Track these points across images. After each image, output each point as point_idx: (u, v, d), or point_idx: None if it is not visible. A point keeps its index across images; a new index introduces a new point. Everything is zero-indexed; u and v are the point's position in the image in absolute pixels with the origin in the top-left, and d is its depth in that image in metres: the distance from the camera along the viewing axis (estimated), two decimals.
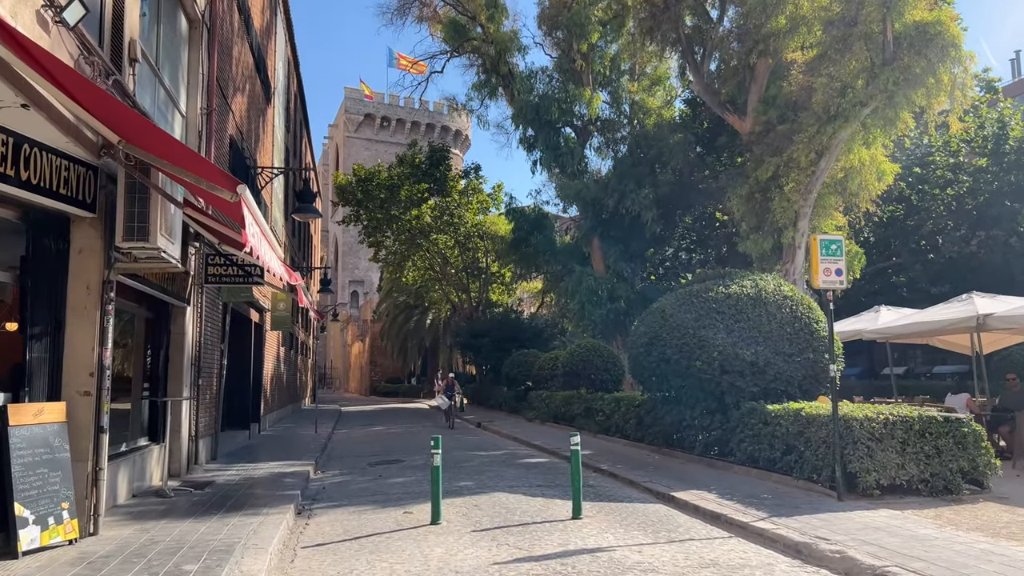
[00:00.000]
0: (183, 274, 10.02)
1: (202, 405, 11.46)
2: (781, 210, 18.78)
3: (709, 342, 11.14)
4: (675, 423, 12.62)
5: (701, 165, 26.33)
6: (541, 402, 21.75)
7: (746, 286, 11.57)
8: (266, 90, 18.35)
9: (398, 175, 33.31)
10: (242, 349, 16.89)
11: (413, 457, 13.80)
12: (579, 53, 28.24)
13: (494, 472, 11.64)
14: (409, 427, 22.28)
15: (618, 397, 15.99)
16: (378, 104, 79.56)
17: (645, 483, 9.97)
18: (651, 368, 12.54)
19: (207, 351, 11.71)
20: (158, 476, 9.74)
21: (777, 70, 20.30)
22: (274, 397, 21.81)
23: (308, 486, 10.40)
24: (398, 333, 45.62)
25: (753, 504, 8.15)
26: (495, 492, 9.61)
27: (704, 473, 10.69)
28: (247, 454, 13.70)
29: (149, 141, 5.34)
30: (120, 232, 6.60)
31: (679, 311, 11.96)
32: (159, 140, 5.29)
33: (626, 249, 27.09)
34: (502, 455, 14.08)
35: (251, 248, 4.96)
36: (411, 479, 10.98)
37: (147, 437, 9.76)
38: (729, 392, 11.04)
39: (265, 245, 5.63)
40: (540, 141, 27.97)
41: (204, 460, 11.74)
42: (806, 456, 9.01)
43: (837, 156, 18.63)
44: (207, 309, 11.61)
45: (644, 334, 12.69)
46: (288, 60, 24.09)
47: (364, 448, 15.88)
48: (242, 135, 14.55)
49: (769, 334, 10.90)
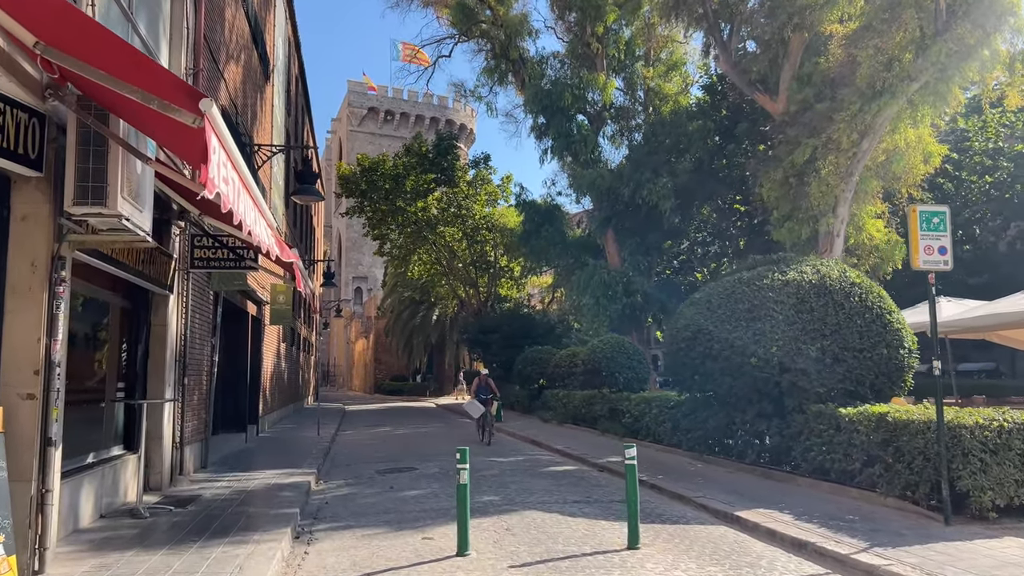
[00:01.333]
0: (164, 257, 8.67)
1: (189, 407, 10.11)
2: (819, 195, 17.40)
3: (766, 336, 9.75)
4: (720, 427, 11.25)
5: (721, 153, 24.97)
6: (558, 402, 20.38)
7: (806, 272, 10.18)
8: (264, 66, 16.99)
9: (404, 165, 31.98)
10: (238, 345, 15.55)
11: (426, 464, 12.44)
12: (594, 36, 26.84)
13: (519, 483, 10.27)
14: (418, 428, 20.92)
15: (648, 397, 14.61)
16: (382, 98, 78.28)
17: (698, 498, 8.60)
18: (693, 366, 11.17)
19: (195, 346, 10.36)
20: (134, 491, 8.39)
21: (812, 46, 18.91)
22: (274, 396, 20.47)
23: (309, 500, 9.05)
24: (403, 329, 44.23)
25: (842, 528, 6.77)
26: (527, 510, 8.24)
27: (762, 486, 9.32)
28: (242, 461, 12.35)
29: (73, 38, 3.93)
30: (70, 193, 5.24)
31: (728, 301, 10.58)
32: (89, 36, 3.87)
33: (642, 241, 25.74)
34: (523, 462, 12.71)
35: (220, 197, 3.59)
36: (427, 491, 9.62)
37: (122, 445, 8.40)
38: (790, 393, 9.67)
39: (247, 200, 4.28)
40: (552, 129, 26.66)
41: (192, 469, 10.39)
42: (896, 469, 7.62)
43: (881, 136, 17.27)
44: (194, 298, 10.25)
45: (686, 327, 11.30)
46: (288, 40, 22.72)
47: (371, 452, 14.53)
48: (236, 109, 13.19)
49: (836, 327, 9.51)
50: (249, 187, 4.39)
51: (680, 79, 28.24)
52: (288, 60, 22.38)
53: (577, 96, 26.18)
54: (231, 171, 3.80)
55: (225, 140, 3.64)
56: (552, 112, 26.00)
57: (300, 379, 30.30)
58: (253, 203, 4.60)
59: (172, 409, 9.34)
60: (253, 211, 4.62)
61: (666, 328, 12.52)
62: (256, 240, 4.70)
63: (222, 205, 3.65)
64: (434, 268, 37.25)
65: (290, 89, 22.74)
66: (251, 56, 15.04)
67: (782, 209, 18.55)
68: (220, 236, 9.56)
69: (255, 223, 4.55)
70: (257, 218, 4.70)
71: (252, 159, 13.70)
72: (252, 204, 4.57)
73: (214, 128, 3.38)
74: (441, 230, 33.83)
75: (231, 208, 3.77)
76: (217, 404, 14.84)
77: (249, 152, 13.70)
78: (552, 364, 22.27)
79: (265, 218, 5.15)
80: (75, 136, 5.27)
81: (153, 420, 8.86)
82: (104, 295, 7.97)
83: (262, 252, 4.79)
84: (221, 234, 9.60)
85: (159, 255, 8.46)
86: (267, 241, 5.00)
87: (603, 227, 25.87)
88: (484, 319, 32.48)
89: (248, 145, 13.74)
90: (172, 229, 9.08)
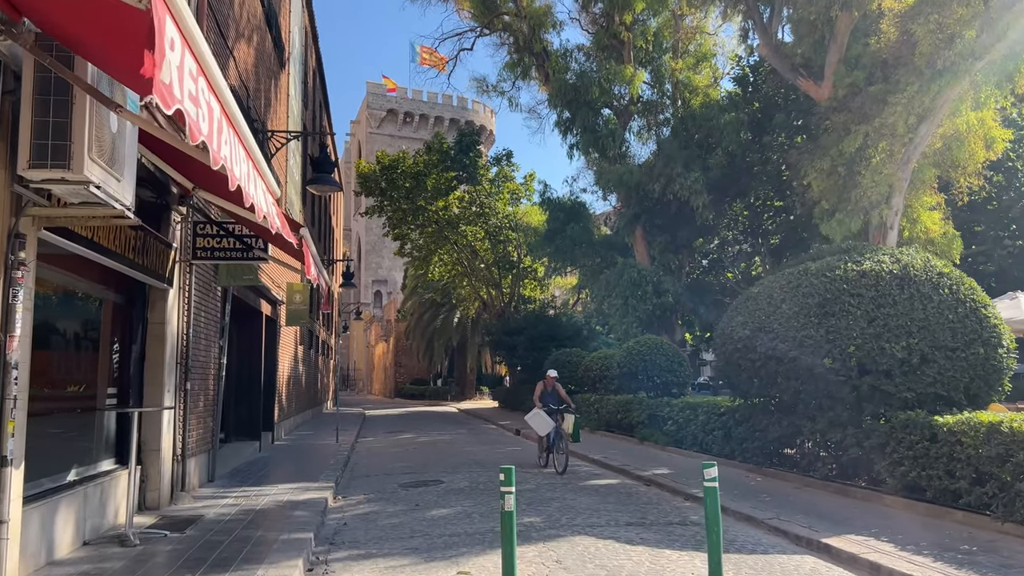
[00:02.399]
0: (162, 245, 7.67)
1: (193, 414, 9.11)
2: (872, 184, 16.15)
3: (841, 334, 8.57)
4: (783, 437, 10.05)
5: (755, 146, 23.74)
6: (590, 407, 19.22)
7: (884, 261, 8.98)
8: (279, 52, 16.05)
9: (424, 163, 31.05)
10: (251, 347, 14.60)
11: (454, 476, 11.35)
12: (622, 25, 25.74)
13: (560, 500, 9.14)
14: (441, 435, 19.86)
15: (693, 403, 13.42)
16: (401, 99, 77.67)
17: (770, 520, 7.44)
18: (750, 368, 9.99)
19: (199, 347, 9.36)
20: (131, 509, 7.39)
21: (858, 27, 17.67)
22: (290, 402, 19.51)
23: (325, 521, 7.99)
24: (424, 332, 43.26)
25: (964, 563, 5.59)
26: (575, 535, 7.11)
27: (841, 506, 8.12)
28: (254, 473, 11.34)
29: None
30: (25, 154, 4.23)
31: (794, 295, 9.40)
32: None
33: (672, 239, 24.58)
34: (559, 474, 11.56)
35: (186, 122, 2.53)
36: (457, 510, 8.53)
37: (113, 459, 7.40)
38: (870, 398, 8.46)
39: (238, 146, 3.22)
40: (578, 123, 25.62)
41: (196, 484, 9.39)
42: (1018, 490, 6.41)
43: (940, 121, 16.02)
44: (199, 294, 9.26)
45: (743, 326, 10.13)
46: (305, 29, 21.83)
47: (393, 462, 13.48)
48: (248, 92, 12.23)
49: (924, 323, 8.30)
50: (236, 124, 3.34)
51: (710, 71, 27.15)
52: (305, 50, 21.49)
53: (604, 89, 25.17)
54: (205, 92, 2.75)
55: (193, 40, 2.59)
56: (578, 106, 25.01)
57: (318, 383, 29.38)
58: (246, 153, 3.56)
59: (173, 417, 8.34)
60: (246, 163, 3.57)
61: (718, 328, 11.35)
62: (248, 200, 3.64)
63: (188, 131, 2.60)
64: (455, 269, 36.26)
65: (307, 81, 21.84)
66: (264, 39, 14.09)
67: (829, 201, 17.34)
68: (226, 223, 8.56)
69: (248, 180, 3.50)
70: (252, 175, 3.66)
71: (266, 146, 12.73)
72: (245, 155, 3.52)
73: (170, 9, 2.33)
74: (463, 229, 32.83)
75: (204, 139, 2.72)
76: (228, 411, 13.90)
77: (262, 139, 12.73)
78: (582, 367, 21.11)
79: (265, 181, 4.11)
80: (32, 84, 4.26)
81: (150, 430, 7.86)
82: (91, 288, 6.99)
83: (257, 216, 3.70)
84: (227, 221, 8.60)
85: (156, 243, 7.46)
86: (262, 203, 3.95)
87: (631, 225, 24.79)
88: (509, 321, 31.39)
89: (261, 131, 12.77)
90: (171, 215, 8.08)
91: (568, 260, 29.47)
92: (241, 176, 3.41)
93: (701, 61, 27.09)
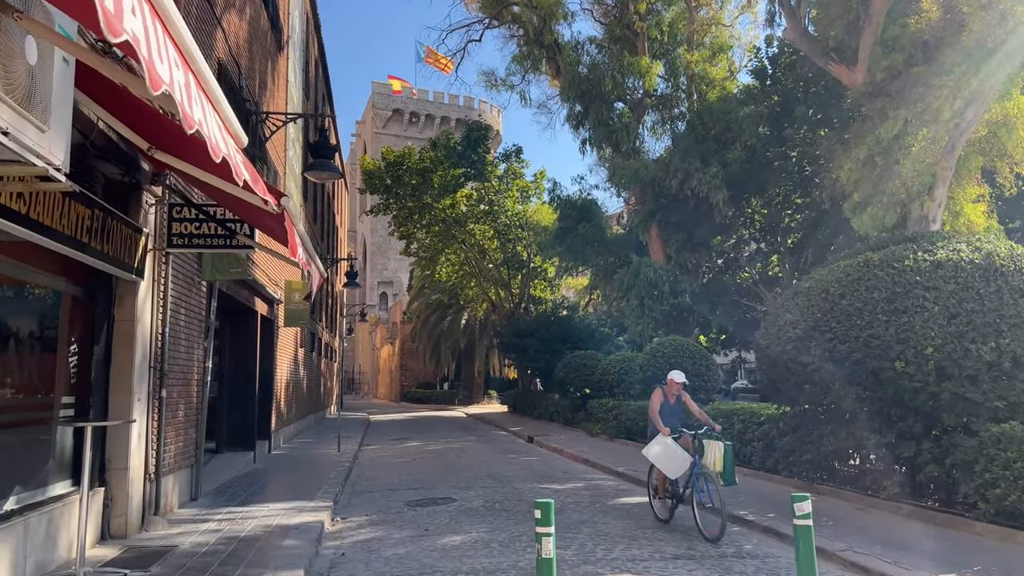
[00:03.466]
0: (129, 230, 6.56)
1: (171, 426, 8.00)
2: (914, 174, 14.98)
3: (916, 333, 7.41)
4: (840, 450, 8.89)
5: (776, 140, 22.63)
6: (607, 413, 18.06)
7: (962, 250, 7.83)
8: (277, 33, 14.98)
9: (431, 159, 30.01)
10: (246, 349, 13.50)
11: (466, 493, 10.21)
12: (636, 14, 24.68)
13: (589, 523, 7.99)
14: (450, 442, 18.72)
15: (728, 410, 12.24)
16: (407, 99, 76.74)
17: (844, 553, 6.29)
18: (802, 372, 8.84)
19: (179, 349, 8.25)
20: (89, 540, 6.29)
21: (895, 8, 16.55)
22: (290, 408, 18.40)
23: (319, 551, 6.87)
24: (430, 334, 42.12)
25: None
26: (617, 574, 5.97)
27: (921, 533, 6.96)
28: (244, 488, 10.22)
29: None
30: None
31: (855, 290, 8.24)
32: None
33: (689, 237, 23.48)
34: (584, 490, 10.39)
35: None
36: (472, 537, 7.39)
37: (70, 481, 6.30)
38: (951, 407, 7.30)
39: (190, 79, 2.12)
40: (590, 117, 24.62)
41: (175, 504, 8.27)
42: None
43: (988, 105, 14.88)
44: (179, 288, 8.16)
45: (792, 325, 8.99)
46: (307, 16, 20.78)
47: (398, 475, 12.36)
48: (240, 70, 11.15)
49: (1016, 320, 7.14)
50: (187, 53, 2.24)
51: (726, 64, 26.14)
52: (306, 38, 20.43)
53: (617, 82, 24.19)
54: None
55: None
56: (590, 99, 24.01)
57: (321, 388, 28.28)
58: (196, 79, 2.46)
59: (145, 430, 7.23)
60: (196, 90, 2.47)
61: (763, 326, 10.21)
62: (190, 122, 2.52)
63: None
64: (463, 269, 35.17)
65: (308, 70, 20.77)
66: (259, 15, 13.01)
67: (863, 192, 16.18)
68: (207, 207, 7.46)
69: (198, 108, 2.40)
70: (201, 99, 2.56)
71: (259, 128, 11.65)
72: (195, 82, 2.43)
73: None
74: (471, 227, 31.75)
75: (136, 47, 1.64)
76: (220, 419, 12.84)
77: (256, 121, 11.65)
78: (599, 371, 19.94)
79: (221, 116, 3.00)
80: None
81: (116, 445, 6.76)
82: (43, 279, 5.90)
83: (213, 154, 2.57)
84: (209, 204, 7.49)
85: (121, 227, 6.36)
86: (217, 139, 2.83)
87: (646, 222, 23.74)
88: (519, 322, 30.26)
89: (255, 113, 11.69)
90: (143, 196, 6.99)
91: (580, 259, 28.40)
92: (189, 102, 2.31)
93: (717, 53, 26.10)
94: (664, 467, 7.53)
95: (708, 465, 7.29)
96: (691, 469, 7.39)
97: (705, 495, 7.15)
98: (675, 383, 8.22)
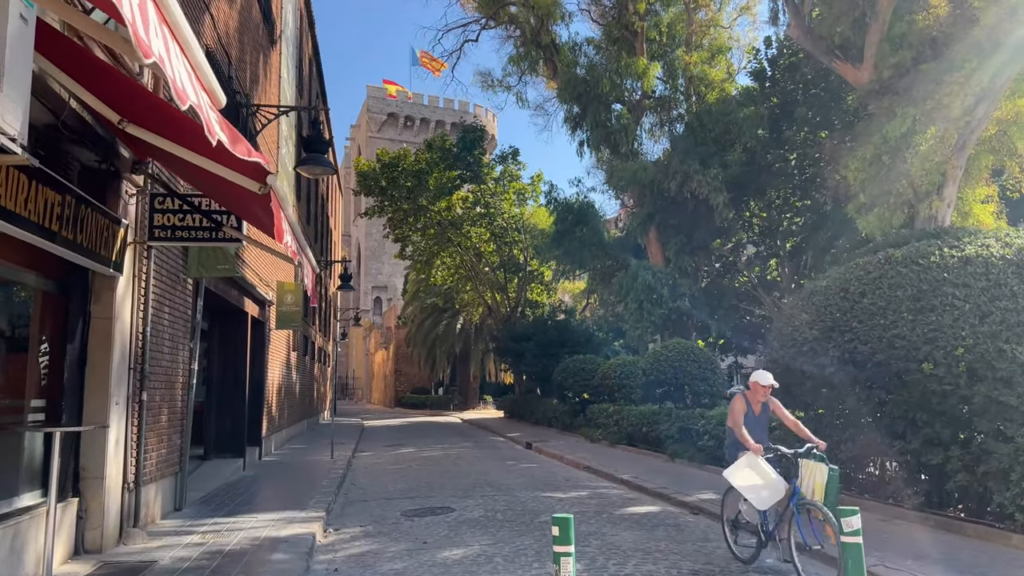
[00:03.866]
0: (106, 220, 6.09)
1: (152, 432, 7.51)
2: (923, 173, 14.67)
3: (945, 333, 7.00)
4: (860, 457, 8.46)
5: (774, 143, 22.31)
6: (608, 418, 17.61)
7: (991, 245, 7.42)
8: (269, 26, 14.54)
9: (427, 161, 29.59)
10: (236, 352, 13.01)
11: (465, 502, 9.74)
12: (635, 14, 24.37)
13: (598, 535, 7.53)
14: (446, 449, 18.22)
15: None
16: (401, 103, 76.46)
17: (875, 568, 5.83)
18: (819, 375, 8.41)
19: (162, 349, 7.77)
20: (60, 555, 5.81)
21: (901, 5, 16.26)
22: (282, 413, 17.88)
23: (311, 566, 6.39)
24: (425, 339, 41.58)
25: None
26: None
27: (953, 545, 6.53)
28: (233, 497, 9.72)
29: None
30: None
31: (877, 287, 7.83)
32: None
33: (688, 240, 23.10)
34: (588, 499, 9.93)
35: None
36: (473, 551, 6.91)
37: (39, 491, 5.82)
38: (984, 412, 6.88)
39: None
40: (588, 118, 24.32)
41: (157, 515, 7.78)
42: None
43: (999, 102, 14.58)
44: (163, 285, 7.68)
45: (809, 325, 8.56)
46: (300, 12, 20.34)
47: (394, 482, 11.87)
48: (230, 60, 10.69)
49: None
50: None
51: (725, 65, 25.90)
52: (300, 34, 19.99)
53: (615, 84, 23.87)
54: None
55: None
56: (588, 100, 23.70)
57: (314, 392, 27.74)
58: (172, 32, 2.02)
59: (124, 435, 6.74)
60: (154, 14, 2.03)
61: (774, 327, 9.79)
62: (145, 50, 2.08)
63: None
64: (459, 272, 34.72)
65: (302, 69, 20.33)
66: (251, 5, 12.57)
67: (870, 192, 15.84)
68: (192, 197, 6.99)
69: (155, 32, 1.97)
70: (163, 31, 2.12)
71: (250, 122, 11.19)
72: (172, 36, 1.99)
73: None
74: (467, 230, 31.32)
75: None
76: (209, 424, 12.36)
77: (247, 114, 11.19)
78: (599, 375, 19.51)
79: (190, 57, 2.56)
80: None
81: (91, 453, 6.27)
82: (10, 272, 5.43)
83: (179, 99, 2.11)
84: (194, 194, 7.02)
85: (97, 217, 5.89)
86: (185, 82, 2.39)
87: (645, 225, 23.38)
88: (516, 326, 29.79)
89: (246, 106, 11.23)
90: (122, 185, 6.52)
91: (577, 263, 28.00)
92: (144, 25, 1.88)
93: (716, 55, 25.84)
94: (752, 495, 5.94)
95: (806, 494, 5.72)
96: (788, 499, 5.88)
97: (809, 533, 5.60)
98: (761, 387, 6.41)
